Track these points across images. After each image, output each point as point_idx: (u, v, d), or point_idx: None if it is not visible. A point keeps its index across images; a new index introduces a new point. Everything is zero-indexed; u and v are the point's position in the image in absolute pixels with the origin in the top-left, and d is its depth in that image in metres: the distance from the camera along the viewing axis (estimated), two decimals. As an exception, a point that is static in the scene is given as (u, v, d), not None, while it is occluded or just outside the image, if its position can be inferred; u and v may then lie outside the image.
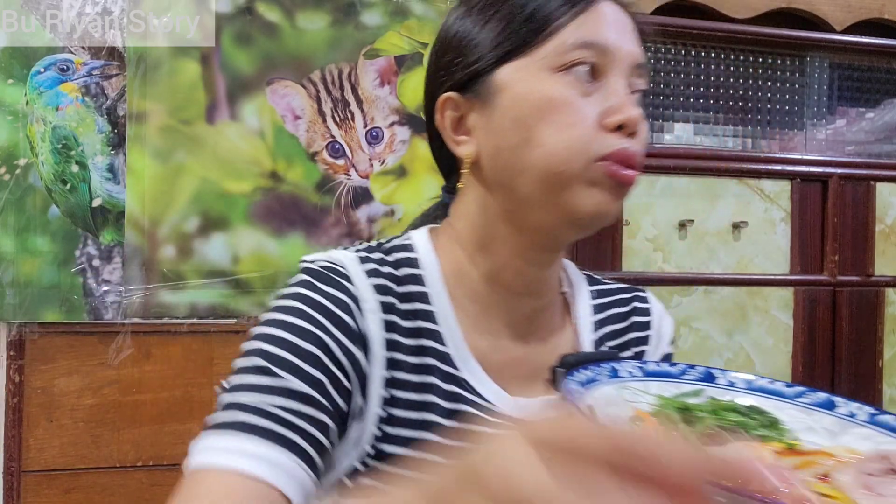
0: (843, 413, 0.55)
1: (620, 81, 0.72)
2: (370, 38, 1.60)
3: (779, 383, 0.60)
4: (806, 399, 0.57)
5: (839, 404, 0.55)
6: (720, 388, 0.60)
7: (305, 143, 1.57)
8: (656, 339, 0.85)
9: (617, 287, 0.88)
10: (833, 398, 0.56)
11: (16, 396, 1.45)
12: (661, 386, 0.59)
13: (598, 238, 1.76)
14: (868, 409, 0.54)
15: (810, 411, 0.56)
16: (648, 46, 1.87)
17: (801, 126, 1.99)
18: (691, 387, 0.60)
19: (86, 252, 1.49)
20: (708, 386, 0.60)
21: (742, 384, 0.60)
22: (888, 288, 1.94)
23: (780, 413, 0.57)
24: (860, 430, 0.52)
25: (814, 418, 0.55)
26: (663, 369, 0.61)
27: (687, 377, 0.61)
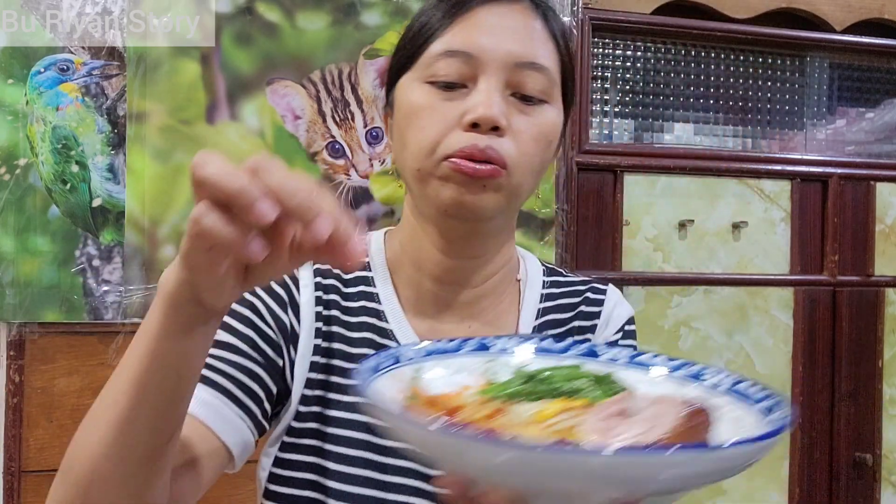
0: (708, 385, 0.57)
1: (488, 83, 0.75)
2: (370, 38, 1.60)
3: (661, 357, 0.62)
4: (682, 372, 0.59)
5: (708, 375, 0.57)
6: (601, 363, 0.63)
7: (305, 143, 1.57)
8: (602, 328, 0.88)
9: (575, 280, 0.91)
10: (705, 370, 0.58)
11: (16, 396, 1.45)
12: (545, 361, 0.62)
13: (598, 238, 1.76)
14: (730, 378, 0.56)
15: (681, 384, 0.58)
16: (649, 46, 1.87)
17: (801, 126, 1.99)
18: (575, 360, 0.63)
19: (86, 252, 1.49)
20: (590, 360, 0.63)
21: (624, 358, 0.63)
22: (888, 288, 1.94)
23: (649, 386, 0.59)
24: (716, 399, 0.54)
25: (684, 390, 0.57)
26: (442, 346, 0.62)
27: (467, 348, 0.63)
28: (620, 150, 1.81)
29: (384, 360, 0.58)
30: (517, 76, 0.76)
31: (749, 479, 1.85)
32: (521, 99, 0.77)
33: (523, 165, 0.76)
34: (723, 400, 0.54)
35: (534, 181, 0.80)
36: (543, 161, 0.80)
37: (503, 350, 0.64)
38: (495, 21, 0.77)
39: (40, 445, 1.45)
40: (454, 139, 0.74)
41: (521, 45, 0.77)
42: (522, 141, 0.76)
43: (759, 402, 0.52)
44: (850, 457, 1.90)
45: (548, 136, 0.79)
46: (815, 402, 1.89)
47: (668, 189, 1.81)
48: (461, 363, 0.61)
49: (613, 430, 0.46)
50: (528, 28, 0.78)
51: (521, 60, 0.76)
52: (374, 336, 0.81)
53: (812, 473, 1.89)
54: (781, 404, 0.50)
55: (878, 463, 1.92)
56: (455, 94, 0.76)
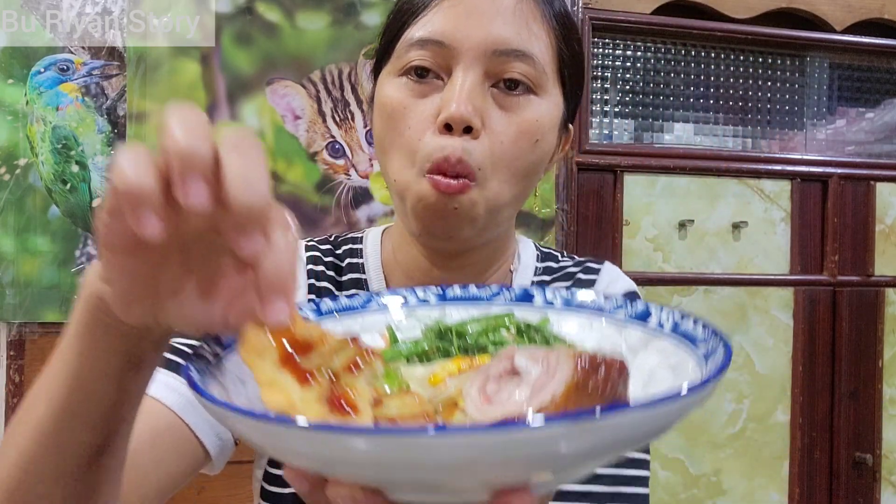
0: (653, 325, 0.49)
1: (463, 75, 0.68)
2: (370, 38, 1.60)
3: (605, 301, 0.54)
4: (621, 314, 0.52)
5: (652, 314, 0.50)
6: (536, 308, 0.55)
7: (305, 143, 1.57)
8: None
9: (568, 263, 0.85)
10: (650, 309, 0.50)
11: (16, 396, 1.45)
12: (466, 311, 0.56)
13: (598, 238, 1.76)
14: (675, 317, 0.48)
15: (623, 327, 0.51)
16: (649, 46, 1.87)
17: (801, 126, 1.99)
18: (500, 308, 0.56)
19: (86, 252, 1.49)
20: (521, 306, 0.56)
21: (560, 303, 0.55)
22: (888, 288, 1.94)
23: (584, 331, 0.52)
24: (661, 344, 0.47)
25: (624, 334, 0.51)
26: (350, 304, 0.56)
27: (376, 303, 0.56)
28: (620, 150, 1.81)
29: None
30: (497, 65, 0.68)
31: (749, 478, 1.85)
32: (503, 89, 0.69)
33: (501, 171, 0.69)
34: (666, 343, 0.47)
35: (517, 189, 0.72)
36: (530, 162, 0.71)
37: (422, 301, 0.57)
38: (474, 3, 0.69)
39: (40, 445, 1.46)
40: (428, 145, 0.67)
41: (501, 30, 0.69)
42: (499, 143, 0.68)
43: (699, 345, 0.45)
44: (850, 457, 1.90)
45: (532, 133, 0.70)
46: (815, 403, 1.89)
47: (668, 189, 1.81)
48: (374, 320, 0.55)
49: (497, 396, 0.40)
50: (515, 10, 0.70)
51: (501, 48, 0.68)
52: None
53: (812, 473, 1.88)
54: (718, 350, 0.42)
55: (878, 463, 1.92)
56: (430, 89, 0.69)
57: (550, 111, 0.72)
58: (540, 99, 0.71)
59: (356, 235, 0.84)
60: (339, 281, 0.79)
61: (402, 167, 0.69)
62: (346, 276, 0.79)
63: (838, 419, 1.89)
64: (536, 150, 0.71)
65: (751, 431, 1.84)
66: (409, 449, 0.31)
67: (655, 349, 0.48)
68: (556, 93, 0.73)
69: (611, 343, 0.51)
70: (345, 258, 0.81)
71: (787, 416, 1.87)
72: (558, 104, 0.73)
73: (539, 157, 0.72)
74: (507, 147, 0.69)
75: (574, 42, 0.75)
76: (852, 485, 1.91)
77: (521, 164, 0.70)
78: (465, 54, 0.68)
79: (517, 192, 0.72)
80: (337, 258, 0.81)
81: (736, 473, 1.84)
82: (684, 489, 1.79)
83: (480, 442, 0.31)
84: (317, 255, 0.80)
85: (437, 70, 0.69)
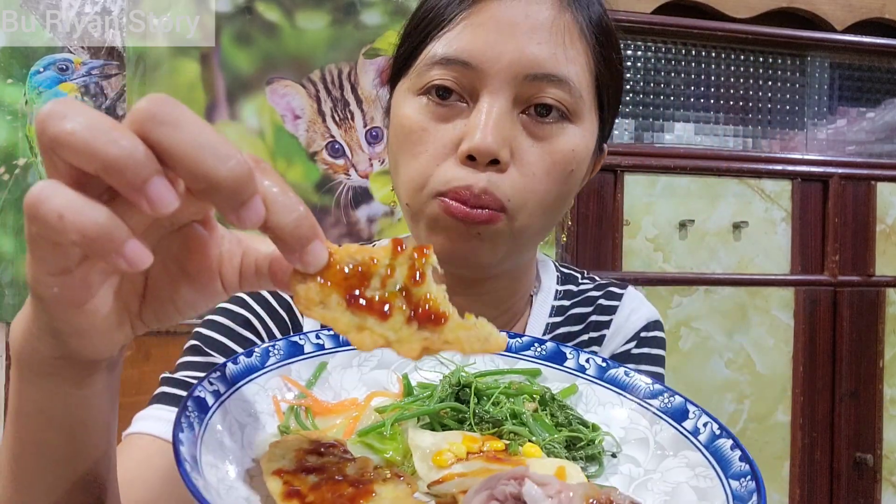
0: (688, 427, 0.46)
1: (490, 101, 0.61)
2: (370, 38, 1.60)
3: (636, 376, 0.51)
4: (657, 402, 0.49)
5: (690, 416, 0.46)
6: (566, 371, 0.53)
7: (305, 142, 1.57)
8: (612, 338, 0.77)
9: (590, 286, 0.80)
10: (688, 409, 0.46)
11: (15, 397, 1.45)
12: (491, 360, 0.53)
13: (599, 238, 1.76)
14: (714, 428, 0.45)
15: (655, 421, 0.48)
16: (649, 46, 1.87)
17: (802, 126, 1.99)
18: (527, 364, 0.53)
19: (85, 252, 1.49)
20: (551, 366, 0.53)
21: (594, 371, 0.52)
22: (889, 288, 1.93)
23: (613, 408, 0.49)
24: (693, 455, 0.44)
25: (655, 428, 0.48)
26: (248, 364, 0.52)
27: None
28: (621, 150, 1.80)
29: (289, 349, 0.50)
30: (529, 90, 0.62)
31: (749, 479, 1.84)
32: (535, 115, 0.63)
33: (530, 206, 0.63)
34: (698, 457, 0.44)
35: (547, 220, 0.66)
36: (561, 195, 0.65)
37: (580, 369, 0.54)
38: (508, 17, 0.61)
39: (40, 446, 1.45)
40: (447, 173, 0.62)
41: (536, 51, 0.61)
42: (530, 175, 0.62)
43: (732, 479, 0.41)
44: (850, 457, 1.90)
45: (566, 164, 0.64)
46: (816, 403, 1.88)
47: (668, 189, 1.80)
48: (390, 357, 0.52)
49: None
50: (553, 26, 0.62)
51: (534, 72, 0.61)
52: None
53: (812, 474, 1.88)
54: (752, 493, 0.39)
55: (878, 463, 1.92)
56: (452, 112, 0.63)
57: (586, 139, 0.66)
58: (575, 127, 0.64)
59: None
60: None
61: (414, 190, 0.64)
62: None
63: (839, 419, 1.89)
64: (570, 181, 0.65)
65: (751, 431, 1.84)
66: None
67: (685, 459, 0.45)
68: (592, 118, 0.67)
69: (640, 434, 0.48)
70: None
71: (787, 417, 1.86)
72: (594, 129, 0.67)
73: (571, 188, 0.66)
74: (539, 180, 0.63)
75: (613, 58, 0.68)
76: (853, 485, 1.90)
77: (552, 198, 0.64)
78: (493, 77, 0.61)
79: (545, 224, 0.66)
80: None
81: (736, 474, 1.83)
82: (685, 489, 1.79)
83: None
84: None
85: (462, 92, 0.63)
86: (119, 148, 0.30)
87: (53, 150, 0.31)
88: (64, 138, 0.31)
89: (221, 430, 0.43)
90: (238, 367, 0.48)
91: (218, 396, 0.44)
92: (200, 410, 0.42)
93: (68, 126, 0.30)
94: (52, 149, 0.31)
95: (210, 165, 0.32)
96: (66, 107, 0.31)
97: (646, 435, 0.48)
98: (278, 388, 0.49)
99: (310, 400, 0.49)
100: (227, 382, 0.46)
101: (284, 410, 0.48)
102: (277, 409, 0.48)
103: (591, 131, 0.66)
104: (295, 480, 0.38)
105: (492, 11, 0.62)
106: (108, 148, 0.30)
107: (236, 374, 0.47)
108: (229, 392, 0.45)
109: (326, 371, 0.52)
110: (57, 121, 0.31)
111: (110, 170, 0.31)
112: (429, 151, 0.63)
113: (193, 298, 0.40)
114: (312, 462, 0.40)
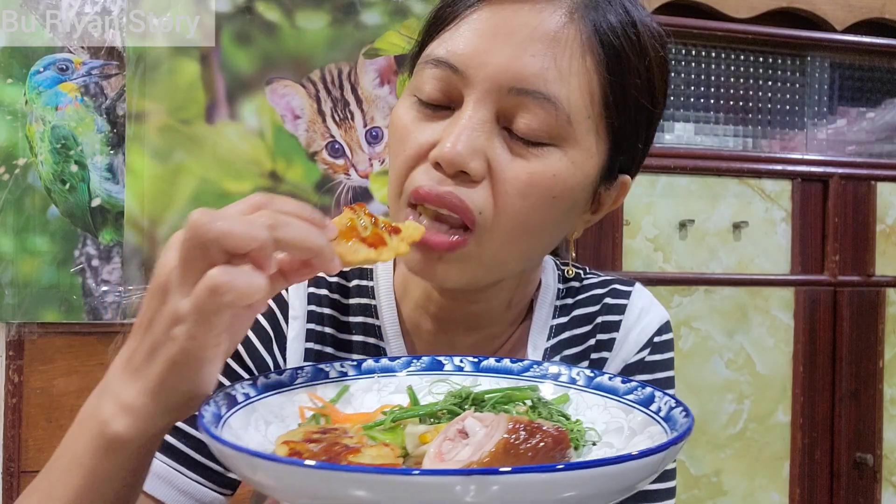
0: (653, 409, 0.52)
1: (472, 109, 0.57)
2: (370, 38, 1.60)
3: (616, 379, 0.56)
4: (632, 397, 0.54)
5: (655, 401, 0.52)
6: (561, 385, 0.58)
7: (305, 142, 1.57)
8: (621, 343, 0.73)
9: (593, 282, 0.76)
10: (654, 396, 0.53)
11: (15, 397, 1.45)
12: (496, 382, 0.59)
13: (598, 238, 1.75)
14: (671, 404, 0.51)
15: (629, 410, 0.54)
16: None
17: (802, 126, 1.99)
18: (528, 383, 0.59)
19: (85, 252, 1.48)
20: (547, 382, 0.59)
21: (583, 382, 0.58)
22: (889, 288, 1.93)
23: (598, 410, 0.55)
24: (655, 429, 0.50)
25: (629, 417, 0.53)
26: (387, 365, 0.61)
27: (415, 367, 0.61)
28: (621, 149, 1.80)
29: (315, 373, 0.57)
30: (511, 106, 0.57)
31: (750, 479, 1.84)
32: (514, 137, 0.58)
33: (504, 226, 0.58)
34: (658, 429, 0.49)
35: (527, 246, 0.61)
36: (544, 222, 0.60)
37: (458, 367, 0.61)
38: (507, 25, 0.57)
39: (39, 446, 1.45)
40: (416, 177, 0.59)
41: (525, 63, 0.56)
42: (505, 193, 0.57)
43: (674, 429, 0.48)
44: (850, 457, 1.90)
45: (546, 189, 0.58)
46: (816, 403, 1.88)
47: (668, 189, 1.80)
48: (408, 381, 0.59)
49: (448, 454, 0.44)
50: (554, 38, 0.57)
51: (518, 85, 0.57)
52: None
53: (812, 474, 1.88)
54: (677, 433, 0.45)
55: (878, 463, 1.92)
56: (440, 115, 0.60)
57: (575, 165, 0.59)
58: (561, 152, 0.59)
59: None
60: (346, 304, 0.71)
61: (392, 198, 0.62)
62: (353, 300, 0.71)
63: (839, 419, 1.89)
64: (554, 208, 0.60)
65: (751, 432, 1.84)
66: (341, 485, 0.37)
67: (648, 434, 0.50)
68: (589, 143, 0.60)
69: (617, 424, 0.53)
70: (352, 279, 0.72)
71: (787, 417, 1.86)
72: (591, 156, 0.61)
73: (558, 217, 0.61)
74: (513, 199, 0.58)
75: (632, 80, 0.61)
76: (853, 485, 1.90)
77: (530, 222, 0.59)
78: (477, 85, 0.57)
79: (525, 251, 0.62)
80: (343, 277, 0.72)
81: (737, 474, 1.83)
82: (685, 490, 1.79)
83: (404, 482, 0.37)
84: (318, 277, 0.70)
85: (448, 101, 0.60)
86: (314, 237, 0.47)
87: (218, 241, 0.43)
88: (219, 230, 0.44)
89: (246, 422, 0.50)
90: (269, 380, 0.55)
91: (248, 398, 0.52)
92: (230, 405, 0.50)
93: (221, 225, 0.44)
94: (218, 240, 0.44)
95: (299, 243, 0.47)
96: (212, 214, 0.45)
97: (622, 424, 0.53)
98: (303, 402, 0.55)
99: (330, 411, 0.55)
100: (258, 390, 0.53)
101: (308, 418, 0.54)
102: (302, 416, 0.54)
103: (584, 158, 0.60)
104: (298, 447, 0.46)
105: (492, 16, 0.58)
106: (251, 234, 0.45)
107: (265, 386, 0.54)
108: (259, 396, 0.53)
109: (349, 392, 0.57)
110: (214, 222, 0.44)
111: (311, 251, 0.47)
112: (406, 152, 0.60)
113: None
114: (317, 437, 0.48)
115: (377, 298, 0.72)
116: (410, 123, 0.61)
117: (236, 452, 0.41)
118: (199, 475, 0.66)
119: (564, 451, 0.44)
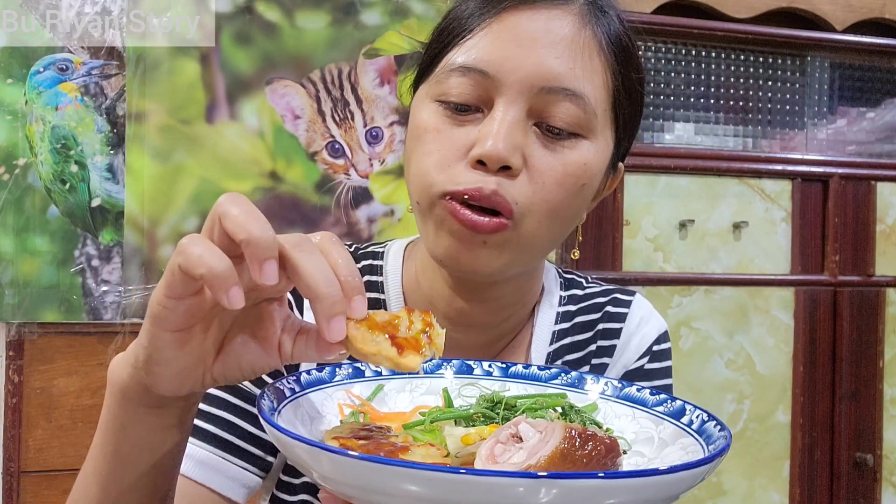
0: (685, 422, 0.54)
1: (504, 110, 0.62)
2: (370, 38, 1.60)
3: (645, 391, 0.58)
4: (661, 408, 0.56)
5: (686, 413, 0.54)
6: (589, 395, 0.60)
7: (305, 142, 1.57)
8: (622, 350, 0.78)
9: (595, 291, 0.81)
10: (685, 409, 0.54)
11: (15, 397, 1.45)
12: (524, 388, 0.61)
13: (599, 238, 1.75)
14: (704, 417, 0.52)
15: (659, 422, 0.55)
16: (649, 46, 1.87)
17: (802, 126, 1.99)
18: (555, 390, 0.61)
19: (85, 252, 1.48)
20: (574, 391, 0.60)
21: (611, 392, 0.60)
22: (889, 288, 1.93)
23: (627, 420, 0.57)
24: (687, 441, 0.52)
25: (660, 428, 0.55)
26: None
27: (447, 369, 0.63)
28: (621, 149, 1.80)
29: (354, 372, 0.59)
30: (542, 103, 0.63)
31: (750, 479, 1.84)
32: (547, 131, 0.64)
33: (539, 213, 0.64)
34: (691, 440, 0.51)
35: (555, 231, 0.66)
36: (571, 208, 0.66)
37: (487, 372, 0.63)
38: (529, 30, 0.63)
39: (39, 446, 1.45)
40: (457, 175, 0.63)
41: (553, 64, 0.62)
42: (542, 183, 0.63)
43: (710, 443, 0.49)
44: (850, 457, 1.90)
45: (578, 178, 0.64)
46: (816, 403, 1.88)
47: (668, 189, 1.80)
48: (438, 384, 0.61)
49: (501, 456, 0.46)
50: (572, 42, 0.64)
51: (549, 84, 0.62)
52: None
53: (813, 474, 1.88)
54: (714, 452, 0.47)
55: (878, 463, 1.92)
56: (468, 118, 0.64)
57: (599, 155, 0.66)
58: (589, 142, 0.65)
59: (377, 250, 0.78)
60: None
61: (423, 187, 0.65)
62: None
63: (839, 419, 1.89)
64: (580, 196, 0.66)
65: (751, 432, 1.84)
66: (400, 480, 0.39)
67: (681, 445, 0.52)
68: (606, 134, 0.67)
69: (646, 434, 0.56)
70: (363, 275, 0.74)
71: (787, 417, 1.86)
72: (608, 146, 0.68)
73: (581, 203, 0.67)
74: (550, 188, 0.63)
75: (632, 77, 0.68)
76: (853, 485, 1.90)
77: (561, 209, 0.65)
78: (509, 87, 0.63)
79: (553, 236, 0.67)
80: None
81: (737, 474, 1.83)
82: (685, 490, 1.79)
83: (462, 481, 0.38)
84: None
85: (478, 103, 0.64)
86: (261, 231, 0.44)
87: (220, 220, 0.45)
88: (229, 213, 0.44)
89: (294, 416, 0.53)
90: (310, 377, 0.58)
91: (293, 393, 0.55)
92: (279, 399, 0.52)
93: (236, 210, 0.45)
94: (219, 218, 0.45)
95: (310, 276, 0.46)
96: (238, 199, 0.46)
97: (652, 434, 0.55)
98: (342, 399, 0.59)
99: (367, 408, 0.58)
100: (301, 386, 0.56)
101: (347, 415, 0.58)
102: (341, 412, 0.57)
103: (604, 148, 0.67)
104: (349, 442, 0.48)
105: (513, 24, 0.63)
106: (255, 228, 0.44)
107: (308, 383, 0.57)
108: (303, 391, 0.56)
109: (383, 391, 0.61)
110: (230, 205, 0.45)
111: (250, 241, 0.44)
112: (441, 151, 0.64)
113: (256, 361, 0.50)
114: (364, 434, 0.51)
115: (386, 294, 0.75)
116: (441, 125, 0.65)
117: (307, 446, 0.43)
118: (246, 461, 0.70)
119: (615, 459, 0.45)
